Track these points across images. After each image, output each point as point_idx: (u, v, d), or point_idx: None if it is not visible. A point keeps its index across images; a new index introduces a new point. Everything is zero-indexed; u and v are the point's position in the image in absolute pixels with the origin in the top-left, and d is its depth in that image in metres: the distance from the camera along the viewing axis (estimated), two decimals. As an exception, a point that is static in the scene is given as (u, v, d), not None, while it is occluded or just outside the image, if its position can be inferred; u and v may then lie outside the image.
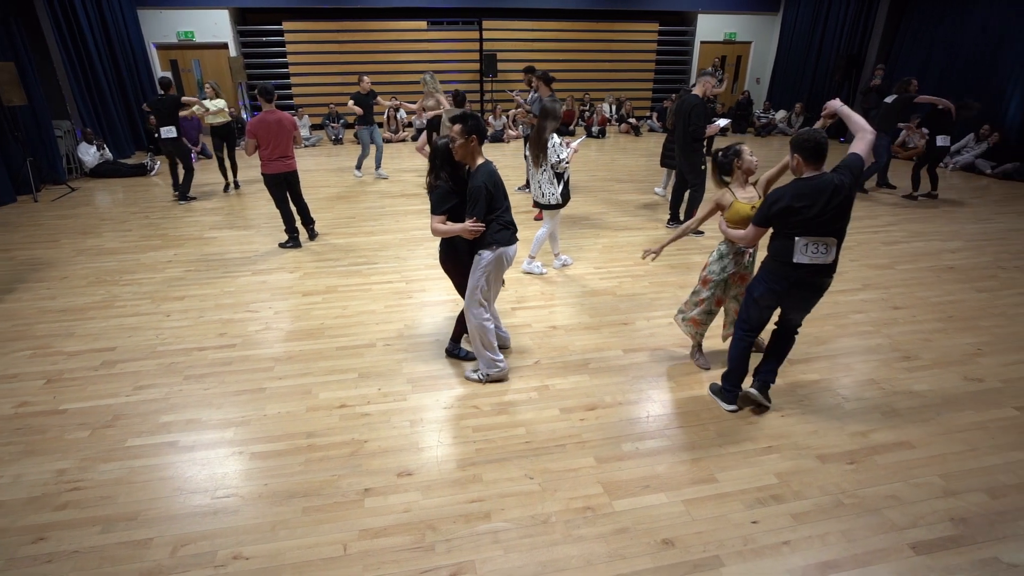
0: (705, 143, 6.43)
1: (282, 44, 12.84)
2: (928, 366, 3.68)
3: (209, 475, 2.71)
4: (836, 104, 3.00)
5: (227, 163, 8.23)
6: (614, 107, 13.84)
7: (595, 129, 12.84)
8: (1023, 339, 4.01)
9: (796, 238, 2.74)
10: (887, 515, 2.50)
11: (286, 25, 12.67)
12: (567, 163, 4.61)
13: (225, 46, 12.35)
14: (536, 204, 4.92)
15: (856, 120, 2.84)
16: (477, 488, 2.63)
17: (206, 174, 9.21)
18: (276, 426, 3.06)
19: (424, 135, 8.25)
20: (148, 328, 4.14)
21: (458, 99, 7.04)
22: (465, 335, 3.61)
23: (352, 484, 2.65)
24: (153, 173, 9.41)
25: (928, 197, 7.76)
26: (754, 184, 3.40)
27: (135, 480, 2.68)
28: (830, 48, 12.71)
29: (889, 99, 7.76)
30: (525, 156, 4.84)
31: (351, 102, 8.36)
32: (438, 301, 4.56)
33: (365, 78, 8.42)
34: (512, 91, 9.48)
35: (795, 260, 2.77)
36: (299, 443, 2.93)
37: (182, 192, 7.61)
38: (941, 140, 7.32)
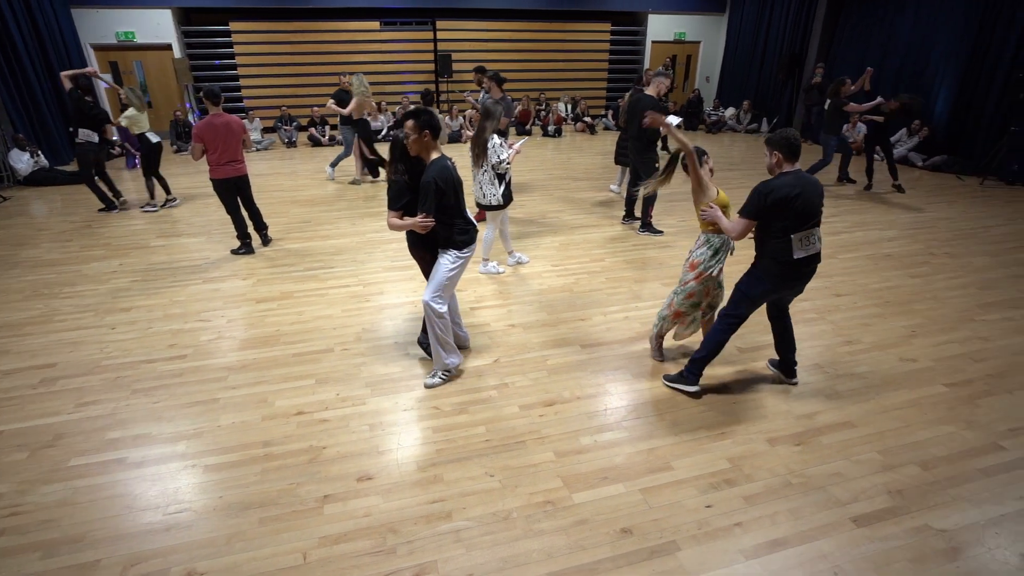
0: (660, 141, 6.57)
1: (229, 45, 12.47)
2: (868, 349, 3.87)
3: (160, 491, 2.63)
4: (716, 214, 3.18)
5: (153, 180, 7.27)
6: (569, 106, 13.99)
7: (551, 128, 12.96)
8: (952, 321, 4.27)
9: (791, 236, 2.90)
10: (831, 492, 2.63)
11: (233, 26, 12.31)
12: (508, 164, 4.64)
13: (169, 47, 11.91)
14: (478, 205, 4.91)
15: (723, 225, 3.13)
16: (438, 488, 2.63)
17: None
18: (231, 437, 2.99)
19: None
20: (91, 342, 3.98)
21: (426, 98, 7.02)
22: None
23: (311, 491, 2.62)
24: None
25: (865, 189, 8.18)
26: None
27: (80, 501, 2.57)
28: (774, 47, 13.18)
29: (827, 104, 8.12)
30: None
31: (332, 102, 8.22)
32: (396, 303, 4.53)
33: (344, 77, 8.33)
34: (465, 92, 9.48)
35: (795, 257, 2.93)
36: (255, 453, 2.87)
37: (149, 194, 7.25)
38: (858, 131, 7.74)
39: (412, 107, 6.90)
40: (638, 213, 6.50)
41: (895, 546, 2.33)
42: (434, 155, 3.13)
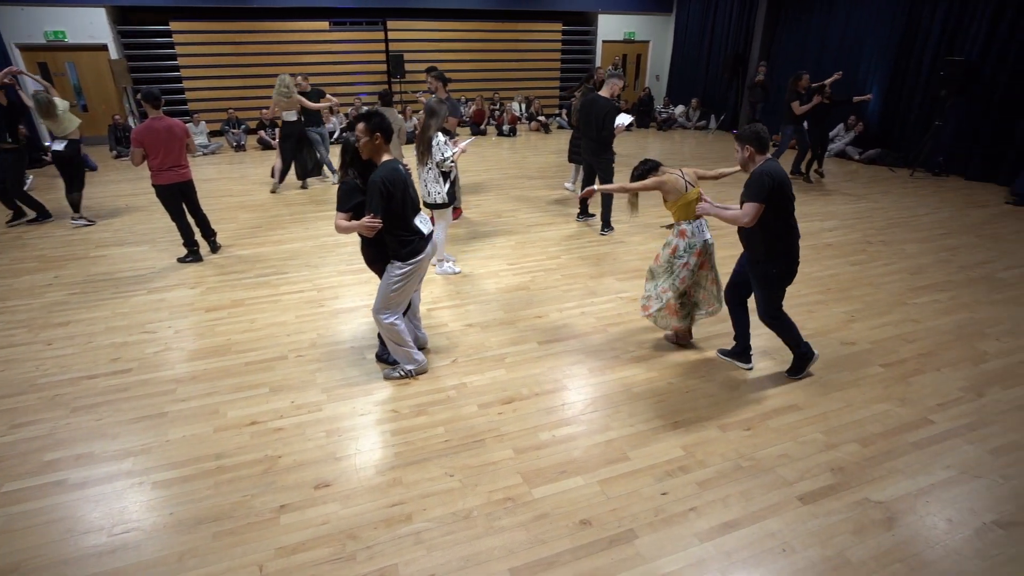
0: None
1: (171, 46, 11.99)
2: (811, 335, 4.04)
3: (105, 512, 2.52)
4: (706, 207, 3.29)
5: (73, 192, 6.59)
6: (523, 106, 14.07)
7: (506, 128, 13.00)
8: (887, 305, 4.51)
9: (791, 220, 3.14)
10: (779, 472, 2.75)
11: (174, 25, 11.84)
12: (452, 162, 4.63)
13: (105, 48, 11.36)
14: (424, 204, 4.83)
15: (724, 215, 3.20)
16: (398, 491, 2.62)
17: (93, 187, 8.44)
18: (181, 451, 2.90)
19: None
20: (25, 360, 3.77)
21: (384, 99, 6.88)
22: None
23: (266, 502, 2.56)
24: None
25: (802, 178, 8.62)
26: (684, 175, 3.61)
27: (15, 528, 2.44)
28: (719, 47, 13.58)
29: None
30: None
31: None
32: (352, 307, 4.47)
33: (299, 78, 8.08)
34: (419, 92, 9.42)
35: (799, 236, 3.20)
36: (207, 466, 2.79)
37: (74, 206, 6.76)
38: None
39: (365, 108, 6.80)
40: (591, 210, 6.60)
41: (837, 520, 2.46)
42: (385, 157, 3.10)
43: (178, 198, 5.31)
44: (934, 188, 8.33)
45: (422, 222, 3.26)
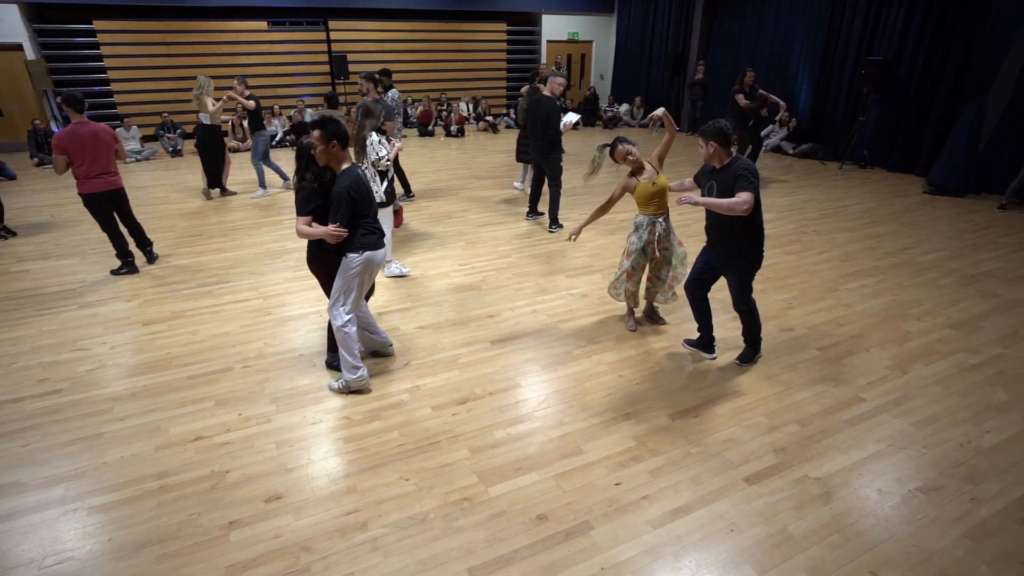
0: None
1: (96, 46, 11.33)
2: (752, 323, 4.23)
3: (34, 543, 2.37)
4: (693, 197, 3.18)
5: None
6: (471, 106, 14.05)
7: (454, 128, 12.96)
8: (821, 291, 4.76)
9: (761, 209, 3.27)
10: (726, 456, 2.86)
11: (98, 24, 11.19)
12: (388, 161, 4.59)
13: (20, 47, 10.63)
14: None
15: (719, 204, 3.15)
16: (352, 499, 2.58)
17: (12, 197, 7.90)
18: (119, 472, 2.76)
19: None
20: (-59, 385, 3.50)
21: (331, 101, 6.72)
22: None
23: (214, 520, 2.48)
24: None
25: None
26: (648, 163, 3.89)
27: (-65, 564, 2.28)
28: (659, 46, 13.96)
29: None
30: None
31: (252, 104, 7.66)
32: (300, 315, 4.37)
33: (236, 81, 7.69)
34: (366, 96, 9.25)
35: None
36: (149, 486, 2.67)
37: None
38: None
39: (308, 110, 6.63)
40: (541, 209, 6.67)
41: (780, 498, 2.58)
42: (345, 164, 3.05)
43: (108, 207, 5.04)
44: (861, 180, 8.83)
45: (384, 218, 3.25)
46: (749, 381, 3.51)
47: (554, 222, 6.37)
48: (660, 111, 3.92)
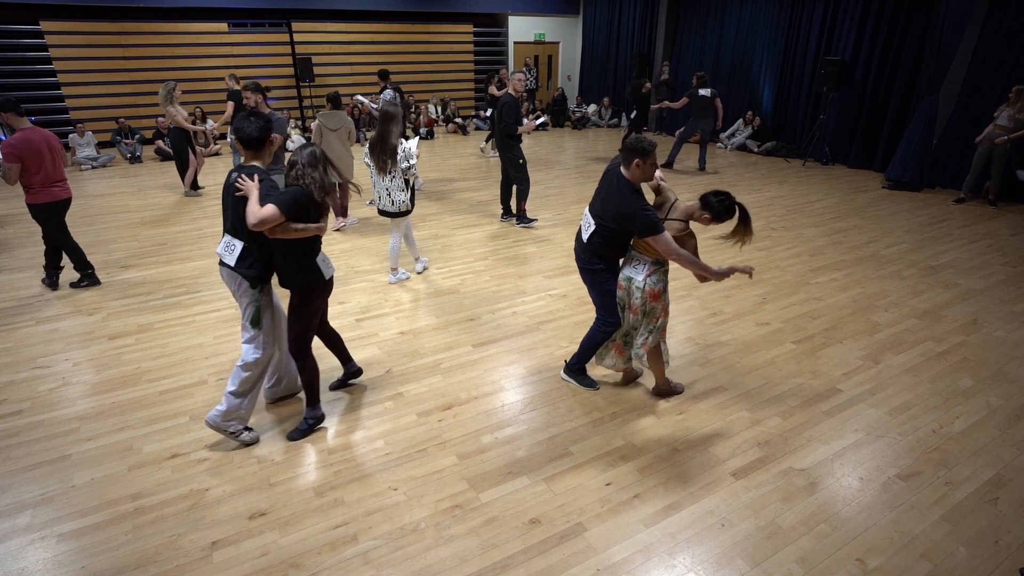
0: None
1: (44, 48, 10.83)
2: (730, 319, 4.30)
3: None
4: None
5: None
6: (440, 108, 13.97)
7: (423, 130, 12.85)
8: (792, 286, 4.88)
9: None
10: (712, 452, 2.90)
11: (45, 25, 10.70)
12: (416, 170, 4.59)
13: (-40, 51, 10.10)
14: (384, 213, 4.70)
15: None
16: (340, 512, 2.52)
17: (-47, 210, 7.50)
18: (90, 496, 2.63)
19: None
20: None
21: (334, 102, 6.40)
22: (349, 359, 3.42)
23: (196, 540, 2.38)
24: None
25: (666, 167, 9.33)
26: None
27: None
28: (625, 47, 14.13)
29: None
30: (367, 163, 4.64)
31: (231, 106, 7.56)
32: (275, 324, 4.25)
33: (229, 80, 7.63)
34: (356, 96, 9.18)
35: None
36: (123, 509, 2.55)
37: None
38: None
39: (271, 112, 6.41)
40: (515, 209, 6.67)
41: (767, 491, 2.63)
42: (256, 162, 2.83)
43: (62, 216, 4.81)
44: (823, 176, 9.10)
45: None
46: (730, 376, 3.56)
47: (520, 218, 6.39)
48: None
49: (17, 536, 2.42)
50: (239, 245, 2.78)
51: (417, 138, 4.90)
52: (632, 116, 10.20)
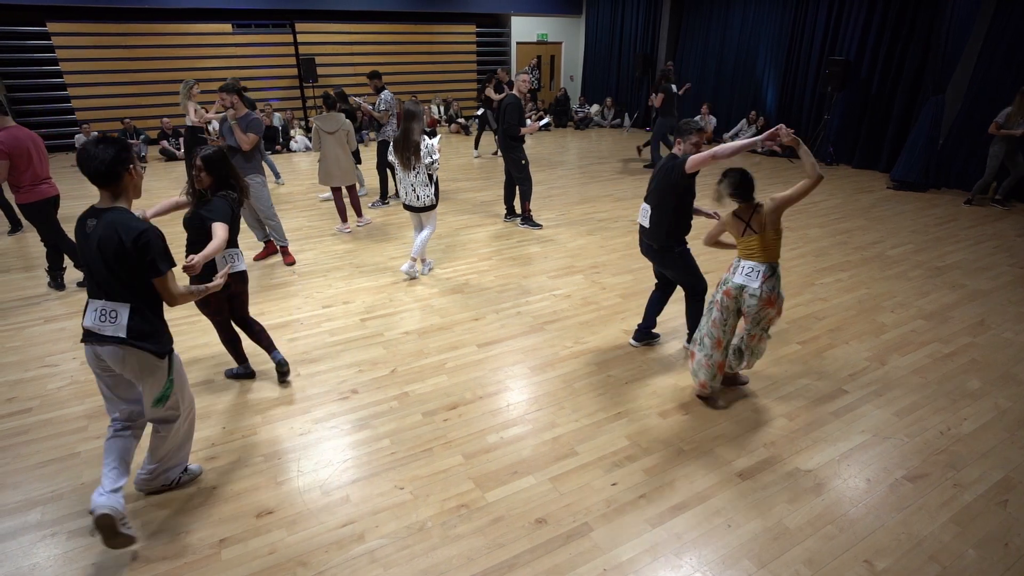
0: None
1: (51, 49, 10.89)
2: (734, 319, 4.29)
3: (10, 572, 2.25)
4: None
5: None
6: (442, 108, 13.98)
7: (426, 131, 12.86)
8: (798, 286, 4.87)
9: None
10: (718, 453, 2.89)
11: (51, 27, 10.76)
12: (438, 165, 4.77)
13: (-33, 52, 10.16)
14: (409, 208, 4.88)
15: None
16: (347, 510, 2.52)
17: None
18: (98, 494, 2.64)
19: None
20: (-103, 408, 3.31)
21: (334, 98, 6.41)
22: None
23: (204, 538, 2.39)
24: None
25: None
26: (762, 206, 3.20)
27: (-98, 600, 2.14)
28: (628, 47, 14.12)
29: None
30: (391, 163, 4.84)
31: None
32: (280, 323, 4.26)
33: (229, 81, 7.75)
34: (357, 97, 9.19)
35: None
36: (132, 506, 2.56)
37: None
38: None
39: (276, 114, 6.45)
40: (519, 210, 6.67)
41: (774, 492, 2.62)
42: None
43: (54, 215, 4.83)
44: (828, 177, 9.07)
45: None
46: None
47: (525, 220, 6.38)
48: (784, 133, 3.01)
49: (28, 532, 2.43)
50: (124, 310, 2.18)
51: (440, 135, 5.04)
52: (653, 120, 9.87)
